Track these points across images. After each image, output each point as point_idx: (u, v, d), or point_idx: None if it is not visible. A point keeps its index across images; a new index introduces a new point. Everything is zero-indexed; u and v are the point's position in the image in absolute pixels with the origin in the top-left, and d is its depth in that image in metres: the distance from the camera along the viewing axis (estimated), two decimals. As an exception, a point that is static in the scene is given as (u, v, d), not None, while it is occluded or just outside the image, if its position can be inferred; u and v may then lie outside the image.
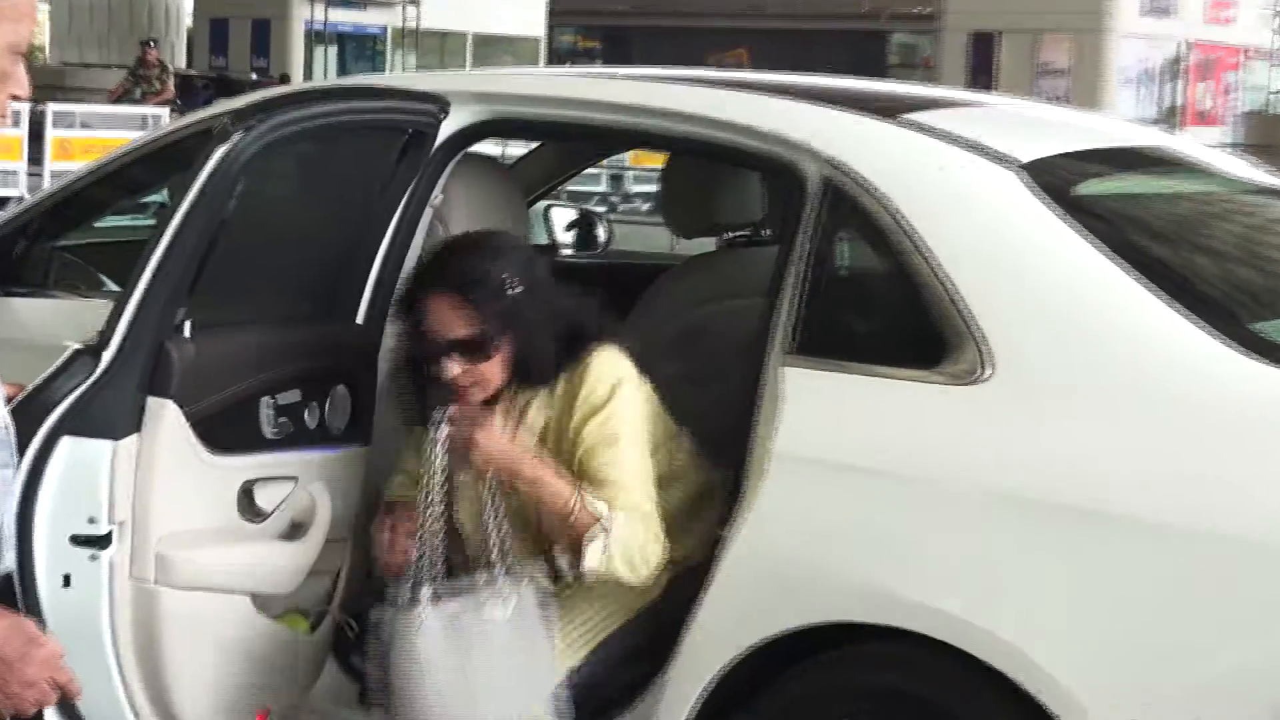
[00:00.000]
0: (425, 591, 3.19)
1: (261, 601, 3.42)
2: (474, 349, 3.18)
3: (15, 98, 2.27)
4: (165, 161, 4.38)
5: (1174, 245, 3.44)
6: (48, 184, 14.89)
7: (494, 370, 3.22)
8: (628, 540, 3.13)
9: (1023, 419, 2.96)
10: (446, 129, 3.65)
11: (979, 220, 3.19)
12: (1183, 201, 3.80)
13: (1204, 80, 38.66)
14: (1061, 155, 3.48)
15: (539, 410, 3.28)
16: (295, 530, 3.43)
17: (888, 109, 3.51)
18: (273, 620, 3.45)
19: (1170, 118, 36.87)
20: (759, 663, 3.04)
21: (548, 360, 3.25)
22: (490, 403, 3.29)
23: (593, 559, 3.11)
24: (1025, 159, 3.28)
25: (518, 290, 3.20)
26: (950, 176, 3.24)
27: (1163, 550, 2.78)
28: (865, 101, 3.66)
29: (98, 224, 4.83)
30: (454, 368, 3.17)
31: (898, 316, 3.33)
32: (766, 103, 3.50)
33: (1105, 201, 3.42)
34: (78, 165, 14.81)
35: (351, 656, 3.59)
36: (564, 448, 3.25)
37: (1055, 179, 3.28)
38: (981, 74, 35.36)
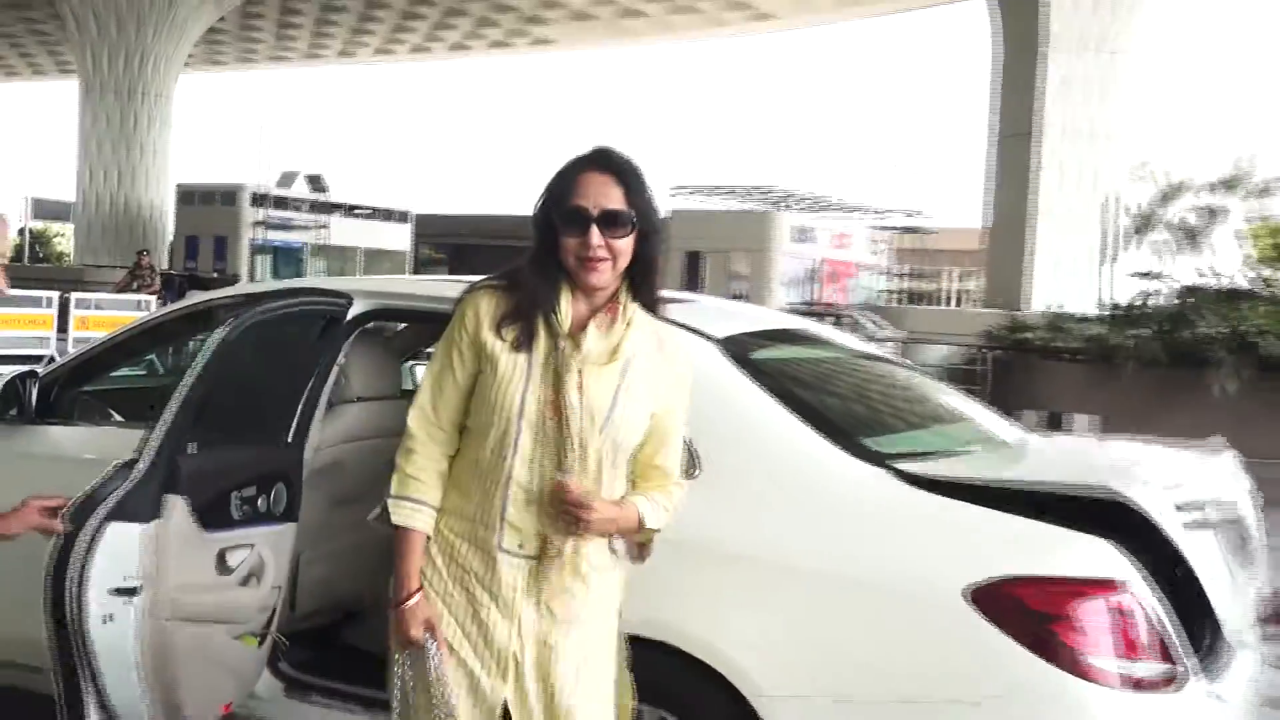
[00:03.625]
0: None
1: (230, 627, 3.33)
2: (617, 222, 2.46)
3: None
4: (154, 337, 4.31)
5: (813, 390, 3.50)
6: (71, 348, 14.40)
7: (625, 249, 2.48)
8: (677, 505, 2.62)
9: (720, 500, 2.99)
10: (350, 314, 3.64)
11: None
12: (816, 362, 3.86)
13: (833, 283, 39.89)
14: (742, 333, 3.50)
15: (632, 345, 2.52)
16: (250, 579, 3.35)
17: None
18: (236, 640, 3.36)
19: (811, 308, 37.89)
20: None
21: (657, 278, 2.56)
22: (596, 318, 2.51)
23: (659, 519, 2.55)
24: (720, 335, 3.31)
25: (653, 200, 2.53)
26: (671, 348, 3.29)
27: (793, 581, 2.89)
28: None
29: (110, 376, 4.70)
30: (597, 235, 2.46)
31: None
32: None
33: (770, 363, 3.44)
34: (92, 334, 14.45)
35: (279, 664, 3.53)
36: (644, 393, 2.53)
37: (739, 348, 3.31)
38: (692, 278, 36.03)
